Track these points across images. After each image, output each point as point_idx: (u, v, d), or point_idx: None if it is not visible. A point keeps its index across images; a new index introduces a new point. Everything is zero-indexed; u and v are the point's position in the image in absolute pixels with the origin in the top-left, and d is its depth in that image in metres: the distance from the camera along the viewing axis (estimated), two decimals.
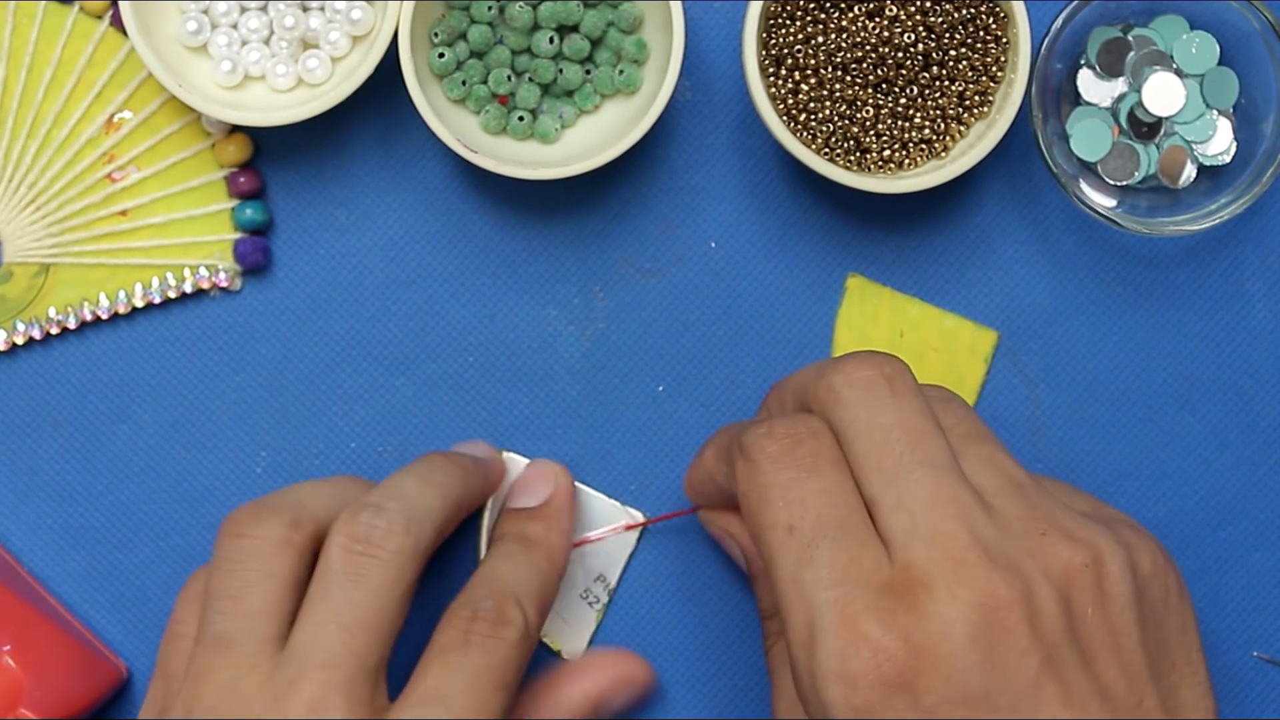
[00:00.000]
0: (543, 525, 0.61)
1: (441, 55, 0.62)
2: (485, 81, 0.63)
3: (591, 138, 0.63)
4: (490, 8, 0.62)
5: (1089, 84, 0.63)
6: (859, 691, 0.47)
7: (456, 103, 0.63)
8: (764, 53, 0.62)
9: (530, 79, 0.63)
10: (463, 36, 0.63)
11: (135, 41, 0.61)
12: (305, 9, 0.63)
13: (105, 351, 0.65)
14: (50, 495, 0.65)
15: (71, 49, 0.64)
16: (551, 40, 0.62)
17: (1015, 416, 0.65)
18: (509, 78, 0.63)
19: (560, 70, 0.63)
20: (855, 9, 0.61)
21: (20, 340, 0.64)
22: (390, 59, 0.61)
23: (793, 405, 0.55)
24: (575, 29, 0.63)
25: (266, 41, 0.63)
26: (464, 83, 0.62)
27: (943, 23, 0.61)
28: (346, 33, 0.63)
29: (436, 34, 0.62)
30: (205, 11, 0.63)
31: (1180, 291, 0.65)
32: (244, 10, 0.63)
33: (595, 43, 0.63)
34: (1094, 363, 0.65)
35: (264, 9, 0.63)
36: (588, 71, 0.63)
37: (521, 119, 0.63)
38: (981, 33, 0.62)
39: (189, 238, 0.65)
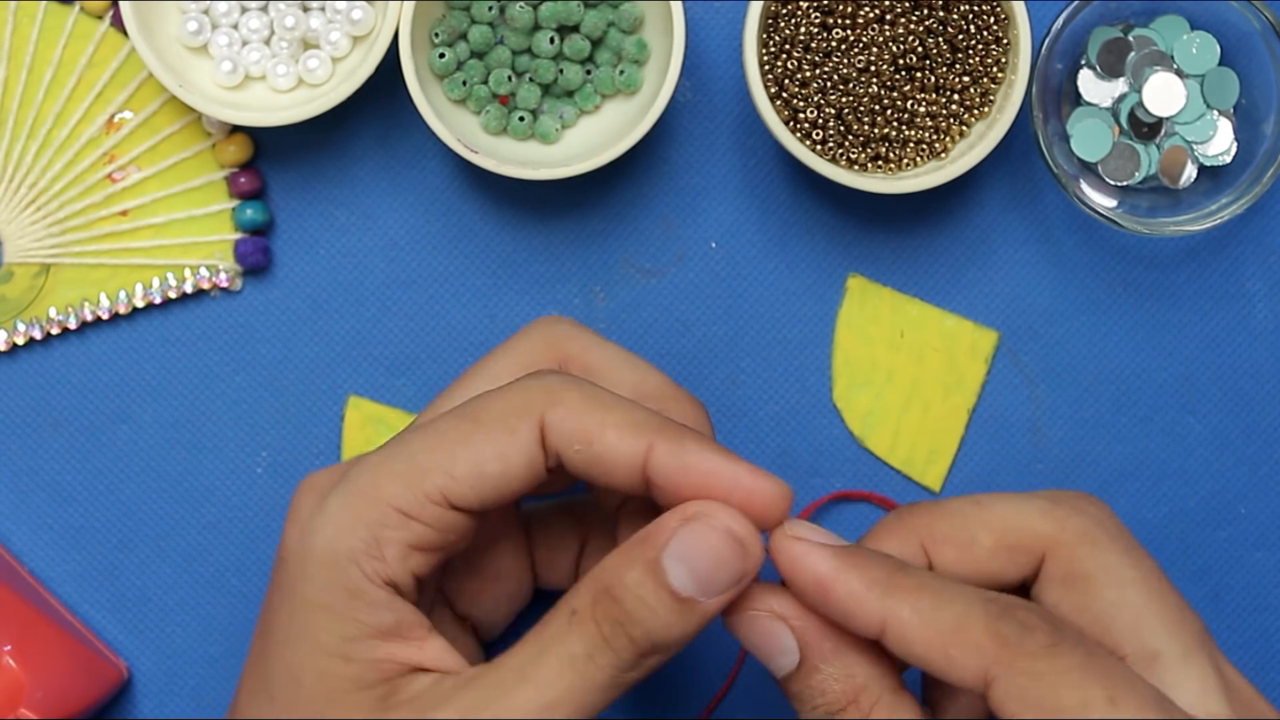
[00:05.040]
0: None
1: (442, 55, 0.62)
2: (486, 82, 0.63)
3: (592, 138, 0.63)
4: (491, 8, 0.62)
5: (1089, 84, 0.63)
6: None
7: (457, 103, 0.63)
8: (764, 53, 0.62)
9: (531, 79, 0.63)
10: (463, 37, 0.63)
11: (136, 42, 0.61)
12: (306, 9, 0.63)
13: (105, 351, 0.65)
14: (50, 495, 0.65)
15: (72, 49, 0.64)
16: (552, 40, 0.62)
17: (1015, 416, 0.65)
18: (509, 78, 0.63)
19: (561, 70, 0.63)
20: (856, 9, 0.61)
21: (20, 340, 0.64)
22: (391, 59, 0.61)
23: (992, 544, 0.52)
24: (575, 29, 0.63)
25: (267, 42, 0.63)
26: (464, 83, 0.62)
27: (943, 23, 0.62)
28: (347, 33, 0.63)
29: (437, 34, 0.62)
30: (206, 12, 0.63)
31: (1180, 291, 0.65)
32: (244, 10, 0.63)
33: (595, 43, 0.63)
34: (1094, 363, 0.65)
35: (264, 9, 0.63)
36: (588, 72, 0.63)
37: (522, 119, 0.63)
38: (982, 33, 0.62)
39: (189, 238, 0.65)
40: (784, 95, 0.62)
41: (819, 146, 0.62)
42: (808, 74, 0.62)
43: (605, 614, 0.48)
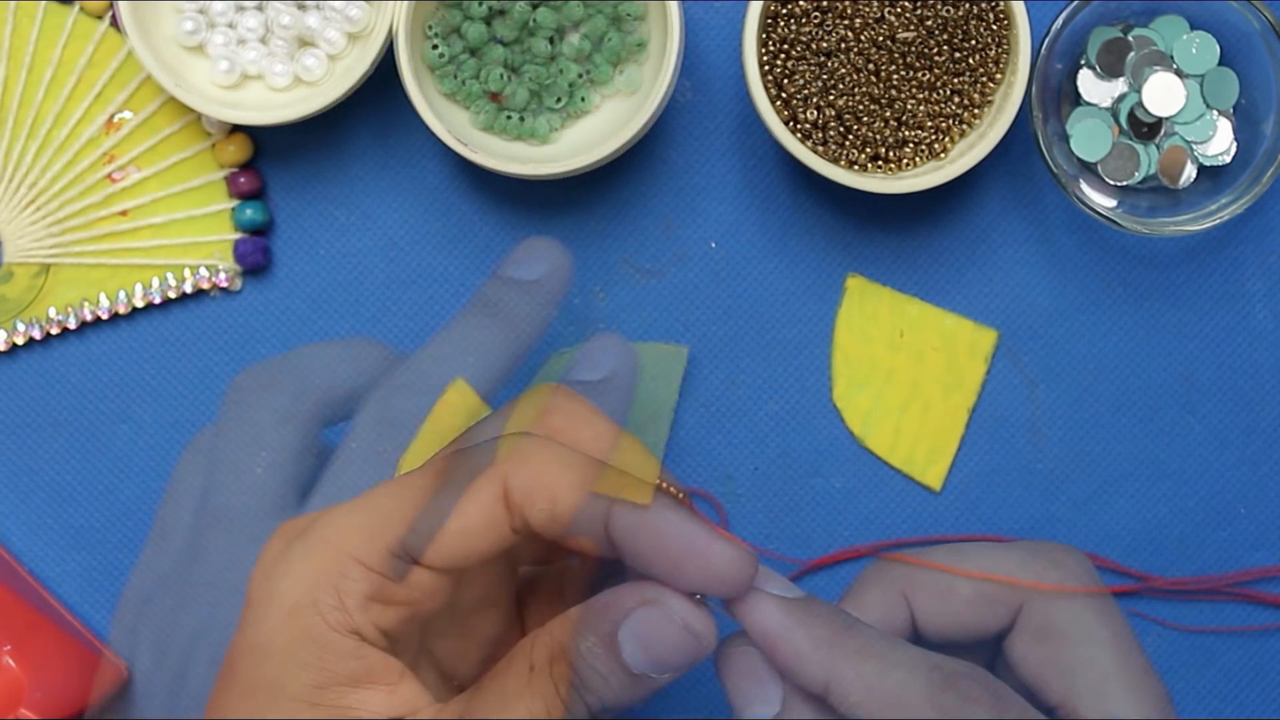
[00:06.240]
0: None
1: (435, 48, 0.62)
2: (478, 78, 0.63)
3: (590, 137, 0.63)
4: (489, 7, 0.62)
5: (1089, 84, 0.63)
6: None
7: (452, 99, 0.63)
8: (764, 53, 0.62)
9: (528, 78, 0.63)
10: (458, 32, 0.63)
11: (133, 41, 0.61)
12: (302, 8, 0.63)
13: (105, 351, 0.65)
14: (50, 495, 0.65)
15: (72, 49, 0.64)
16: (550, 40, 0.62)
17: (1015, 416, 0.65)
18: (504, 76, 0.63)
19: (560, 70, 0.63)
20: (856, 9, 0.61)
21: (20, 340, 0.65)
22: (389, 58, 0.61)
23: (970, 594, 0.53)
24: (575, 29, 0.63)
25: (264, 40, 0.63)
26: (460, 79, 0.62)
27: (943, 23, 0.61)
28: (344, 31, 0.63)
29: (431, 27, 0.62)
30: (202, 11, 0.63)
31: (1180, 291, 0.65)
32: (241, 9, 0.63)
33: (594, 43, 0.63)
34: (1094, 363, 0.65)
35: (261, 8, 0.63)
36: (587, 71, 0.63)
37: (511, 117, 0.63)
38: (982, 33, 0.62)
39: (189, 238, 0.65)
40: (784, 95, 0.62)
41: (819, 147, 0.62)
42: (808, 74, 0.62)
43: (561, 676, 0.48)
